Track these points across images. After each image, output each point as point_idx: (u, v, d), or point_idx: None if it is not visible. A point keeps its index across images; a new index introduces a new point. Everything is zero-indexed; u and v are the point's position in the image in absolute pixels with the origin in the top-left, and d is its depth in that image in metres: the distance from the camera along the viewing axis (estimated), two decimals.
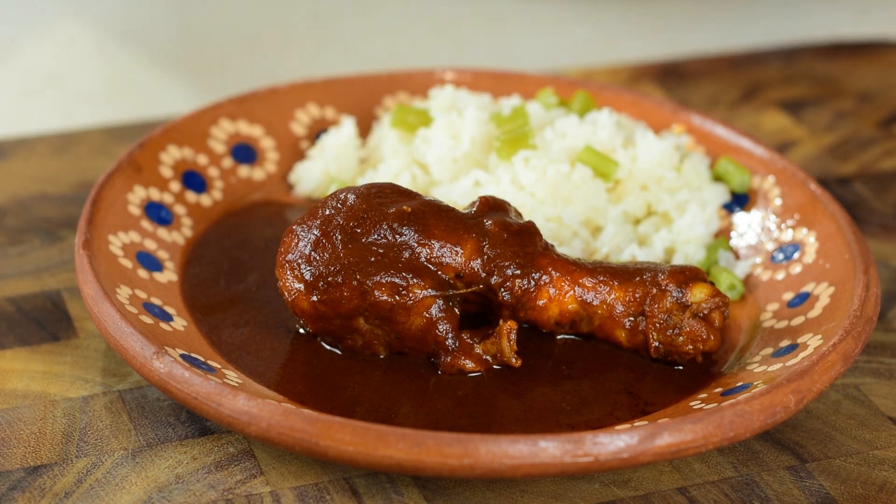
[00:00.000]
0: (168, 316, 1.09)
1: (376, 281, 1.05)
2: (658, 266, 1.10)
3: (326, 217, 1.07)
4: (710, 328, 1.08)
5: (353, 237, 1.06)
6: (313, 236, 1.06)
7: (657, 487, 1.01)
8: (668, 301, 1.08)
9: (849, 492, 1.02)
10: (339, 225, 1.06)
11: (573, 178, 1.19)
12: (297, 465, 1.02)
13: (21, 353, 1.11)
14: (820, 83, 1.55)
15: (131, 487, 1.00)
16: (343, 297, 1.05)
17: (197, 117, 1.27)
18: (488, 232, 1.08)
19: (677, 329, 1.08)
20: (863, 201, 1.35)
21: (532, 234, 1.09)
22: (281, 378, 1.06)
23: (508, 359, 1.06)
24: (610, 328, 1.09)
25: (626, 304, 1.08)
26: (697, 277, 1.08)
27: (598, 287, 1.08)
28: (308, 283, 1.05)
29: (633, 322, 1.09)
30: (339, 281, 1.05)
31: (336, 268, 1.05)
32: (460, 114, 1.25)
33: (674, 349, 1.08)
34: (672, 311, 1.08)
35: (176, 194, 1.22)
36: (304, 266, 1.05)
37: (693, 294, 1.08)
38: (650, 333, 1.08)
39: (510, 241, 1.08)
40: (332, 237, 1.06)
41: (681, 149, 1.23)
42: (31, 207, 1.29)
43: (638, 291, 1.08)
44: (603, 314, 1.09)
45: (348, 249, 1.05)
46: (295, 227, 1.07)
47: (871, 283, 1.10)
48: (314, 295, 1.05)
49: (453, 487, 1.01)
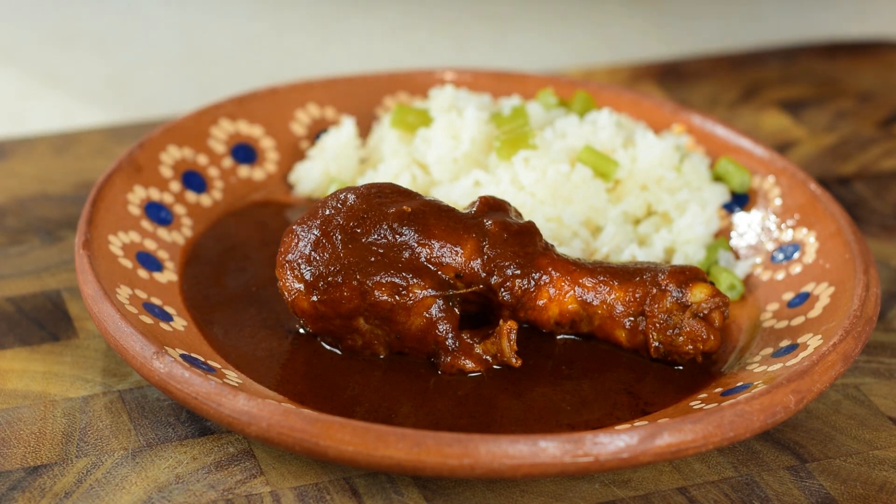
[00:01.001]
0: (168, 316, 1.09)
1: (376, 281, 1.05)
2: (658, 266, 1.10)
3: (326, 217, 1.07)
4: (710, 328, 1.08)
5: (354, 237, 1.06)
6: (313, 236, 1.06)
7: (657, 487, 1.01)
8: (668, 301, 1.08)
9: (849, 492, 1.02)
10: (339, 225, 1.06)
11: (573, 178, 1.19)
12: (297, 465, 1.02)
13: (21, 353, 1.11)
14: (820, 83, 1.55)
15: (131, 487, 1.00)
16: (343, 297, 1.05)
17: (197, 117, 1.27)
18: (488, 232, 1.08)
19: (677, 329, 1.08)
20: (863, 201, 1.35)
21: (532, 234, 1.09)
22: (281, 378, 1.06)
23: (508, 359, 1.06)
24: (610, 328, 1.09)
25: (626, 303, 1.08)
26: (697, 277, 1.08)
27: (598, 287, 1.08)
28: (308, 283, 1.05)
29: (633, 322, 1.09)
30: (339, 281, 1.05)
31: (336, 268, 1.05)
32: (460, 114, 1.25)
33: (674, 349, 1.08)
34: (672, 311, 1.08)
35: (176, 194, 1.22)
36: (304, 266, 1.05)
37: (693, 294, 1.08)
38: (650, 333, 1.08)
39: (510, 241, 1.08)
40: (332, 237, 1.06)
41: (681, 149, 1.23)
42: (31, 207, 1.29)
43: (638, 291, 1.08)
44: (603, 314, 1.09)
45: (348, 249, 1.05)
46: (295, 227, 1.07)
47: (871, 283, 1.10)
48: (314, 295, 1.05)
49: (453, 487, 1.01)
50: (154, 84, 1.60)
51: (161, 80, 1.61)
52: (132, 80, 1.60)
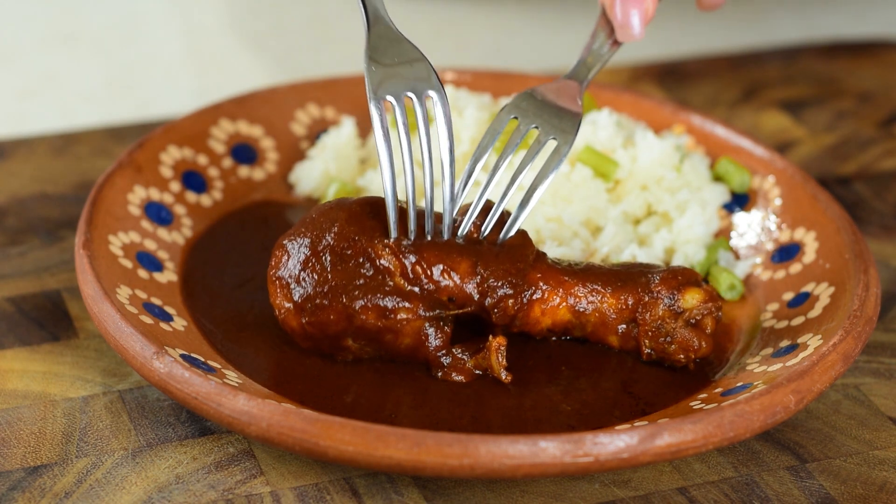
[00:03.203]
0: (168, 316, 1.09)
1: (362, 305, 1.04)
2: (652, 269, 1.09)
3: (317, 235, 1.06)
4: (702, 335, 1.08)
5: (343, 258, 1.05)
6: (303, 255, 1.06)
7: (657, 487, 1.01)
8: (661, 309, 1.08)
9: (849, 492, 1.02)
10: (328, 245, 1.06)
11: (573, 178, 1.19)
12: (297, 465, 1.02)
13: (21, 353, 1.11)
14: (820, 83, 1.55)
15: (131, 487, 1.00)
16: (330, 320, 1.05)
17: (197, 117, 1.27)
18: (481, 251, 1.07)
19: (669, 337, 1.08)
20: (863, 201, 1.35)
21: (523, 247, 1.08)
22: (281, 378, 1.06)
23: (498, 375, 1.06)
24: (602, 334, 1.09)
25: (619, 311, 1.08)
26: (690, 282, 1.08)
27: (590, 296, 1.08)
28: (296, 304, 1.05)
29: (625, 329, 1.09)
30: (325, 304, 1.04)
31: (323, 290, 1.04)
32: (460, 114, 1.25)
33: (665, 357, 1.08)
34: (664, 319, 1.08)
35: (176, 194, 1.22)
36: (293, 286, 1.05)
37: (685, 300, 1.08)
38: (642, 341, 1.08)
39: (502, 258, 1.07)
40: (321, 257, 1.05)
41: (681, 149, 1.23)
42: (31, 207, 1.29)
43: (630, 299, 1.08)
44: (595, 322, 1.09)
45: (337, 271, 1.05)
46: (285, 242, 1.07)
47: (871, 283, 1.10)
48: (303, 316, 1.05)
49: (453, 487, 1.01)
50: (154, 84, 1.60)
51: (161, 80, 1.61)
52: (132, 80, 1.60)
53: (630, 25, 1.08)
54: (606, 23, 1.12)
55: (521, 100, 1.12)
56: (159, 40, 1.69)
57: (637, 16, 1.08)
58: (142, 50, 1.66)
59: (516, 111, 1.11)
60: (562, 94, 1.11)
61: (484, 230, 1.08)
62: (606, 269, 1.10)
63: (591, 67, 1.13)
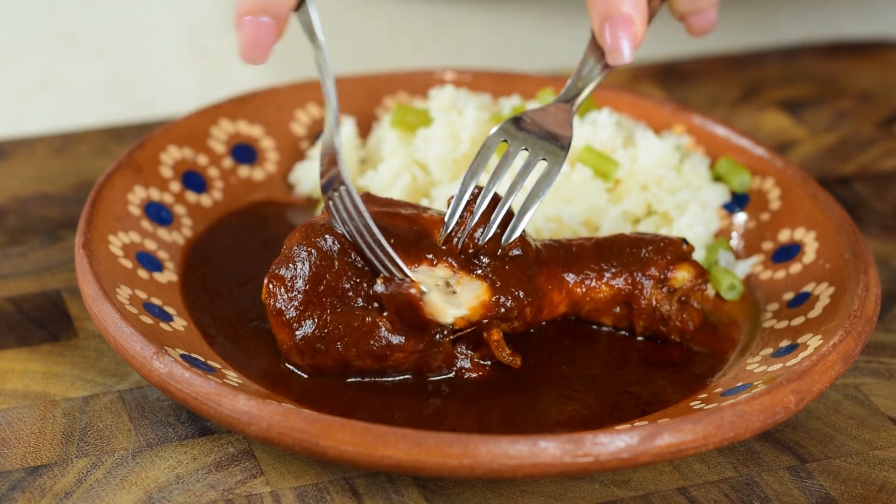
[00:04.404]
0: (168, 316, 1.09)
1: (355, 353, 1.04)
2: (646, 243, 1.11)
3: (314, 273, 1.04)
4: (692, 311, 1.11)
5: (342, 299, 1.04)
6: (300, 295, 1.04)
7: (657, 487, 1.01)
8: (653, 294, 1.10)
9: (849, 492, 1.02)
10: (329, 285, 1.04)
11: (573, 177, 1.19)
12: (297, 465, 1.02)
13: (21, 353, 1.11)
14: (820, 83, 1.55)
15: (131, 487, 1.00)
16: (328, 364, 1.05)
17: (197, 117, 1.27)
18: (488, 273, 1.06)
19: (662, 318, 1.11)
20: (863, 201, 1.35)
21: (524, 257, 1.08)
22: (281, 378, 1.06)
23: (507, 363, 1.07)
24: (596, 317, 1.13)
25: (614, 297, 1.11)
26: (679, 257, 1.11)
27: (588, 290, 1.11)
28: (297, 344, 1.04)
29: (619, 310, 1.12)
30: (323, 349, 1.04)
31: (322, 334, 1.04)
32: (460, 114, 1.25)
33: (659, 335, 1.12)
34: (658, 301, 1.11)
35: (176, 194, 1.22)
36: (293, 324, 1.04)
37: (676, 279, 1.10)
38: (637, 322, 1.12)
39: (511, 270, 1.07)
40: (321, 299, 1.04)
41: (681, 149, 1.23)
42: (31, 207, 1.29)
43: (625, 287, 1.10)
44: (590, 308, 1.11)
45: (336, 314, 1.04)
46: (281, 272, 1.05)
47: (871, 283, 1.10)
48: (303, 358, 1.05)
49: (453, 487, 1.01)
50: (154, 84, 1.60)
51: (161, 80, 1.61)
52: (132, 80, 1.60)
53: (619, 49, 1.09)
54: (596, 47, 1.12)
55: (510, 124, 1.12)
56: (159, 40, 1.69)
57: (626, 40, 1.09)
58: (142, 50, 1.66)
59: (505, 135, 1.11)
60: (552, 119, 1.12)
61: (480, 239, 1.07)
62: (596, 253, 1.11)
63: (581, 91, 1.13)
